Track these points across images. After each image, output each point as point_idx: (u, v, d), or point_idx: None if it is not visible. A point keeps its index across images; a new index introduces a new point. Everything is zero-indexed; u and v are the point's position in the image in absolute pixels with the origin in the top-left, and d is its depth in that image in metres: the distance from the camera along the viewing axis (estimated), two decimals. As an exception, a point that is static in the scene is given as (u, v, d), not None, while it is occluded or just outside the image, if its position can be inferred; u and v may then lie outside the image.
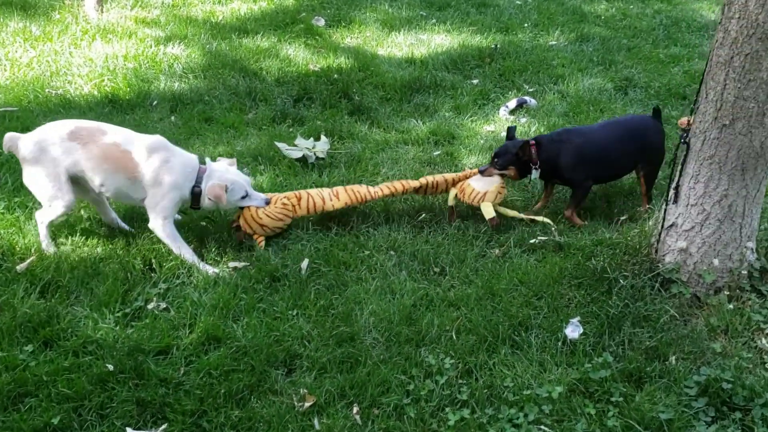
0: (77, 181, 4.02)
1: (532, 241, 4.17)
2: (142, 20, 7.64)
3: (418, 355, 3.34)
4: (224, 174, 4.09)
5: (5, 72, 6.33)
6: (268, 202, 4.18)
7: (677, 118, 6.00)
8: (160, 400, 3.08)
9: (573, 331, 3.45)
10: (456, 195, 4.48)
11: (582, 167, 4.44)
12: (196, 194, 4.05)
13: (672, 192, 3.67)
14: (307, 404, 3.07)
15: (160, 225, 4.01)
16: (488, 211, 4.30)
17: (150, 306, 3.66)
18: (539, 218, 4.38)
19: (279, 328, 3.50)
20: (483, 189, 4.39)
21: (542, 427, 2.95)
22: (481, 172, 4.46)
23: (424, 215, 4.52)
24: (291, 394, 3.12)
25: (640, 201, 4.71)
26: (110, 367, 3.20)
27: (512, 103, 6.23)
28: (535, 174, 4.44)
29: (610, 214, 4.63)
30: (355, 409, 3.06)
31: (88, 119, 5.27)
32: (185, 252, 4.01)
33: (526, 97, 6.35)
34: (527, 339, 3.44)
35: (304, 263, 3.96)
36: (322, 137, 5.45)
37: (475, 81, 6.82)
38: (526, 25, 8.31)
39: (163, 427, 2.96)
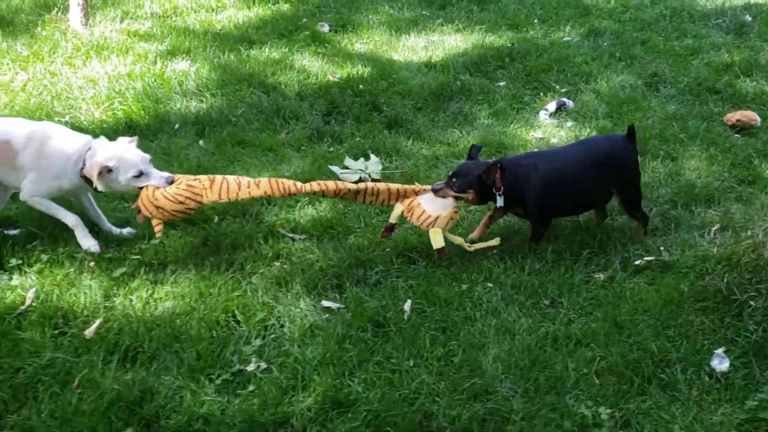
0: None
1: (636, 262, 3.93)
2: (135, 33, 7.06)
3: (565, 406, 3.04)
4: (108, 152, 3.74)
5: (2, 98, 5.73)
6: (170, 182, 3.75)
7: (721, 115, 5.88)
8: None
9: (720, 363, 3.21)
10: (402, 213, 4.00)
11: (550, 197, 3.99)
12: (85, 177, 3.79)
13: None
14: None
15: (28, 198, 3.95)
16: (437, 240, 3.85)
17: (250, 368, 3.25)
18: (489, 243, 4.04)
19: (402, 383, 3.15)
20: (435, 213, 3.88)
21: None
22: (435, 191, 3.94)
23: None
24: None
25: (728, 205, 4.51)
26: (232, 450, 2.80)
27: (551, 106, 5.99)
28: (499, 201, 3.96)
29: (694, 222, 4.40)
30: (523, 477, 2.75)
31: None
32: (63, 217, 3.97)
33: (564, 99, 6.11)
34: (673, 376, 3.18)
35: (407, 305, 3.61)
36: (372, 156, 5.09)
37: (501, 83, 6.55)
38: (535, 21, 8.07)
39: None
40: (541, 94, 6.36)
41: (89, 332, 3.38)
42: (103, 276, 3.76)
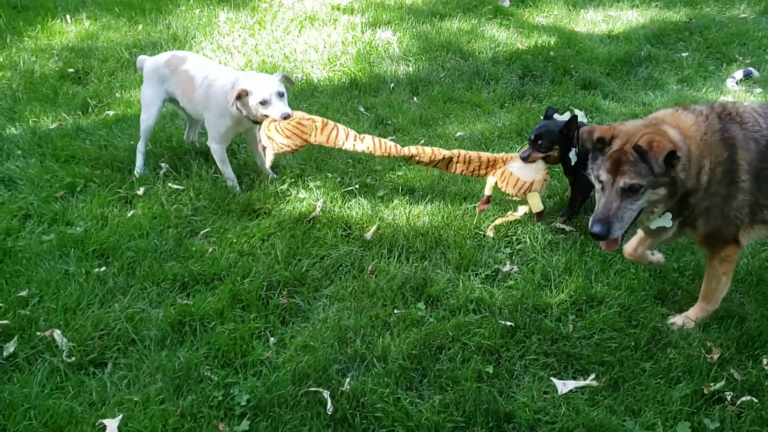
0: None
1: None
2: (337, 7, 7.90)
3: (791, 312, 3.47)
4: (245, 80, 4.15)
5: (238, 59, 6.65)
6: (285, 117, 4.05)
7: None
8: (564, 353, 3.28)
9: None
10: (496, 183, 4.13)
11: None
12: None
13: None
14: (715, 356, 3.23)
15: (212, 148, 4.48)
16: (536, 204, 4.03)
17: (505, 269, 3.86)
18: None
19: (643, 288, 3.66)
20: (529, 178, 4.01)
21: None
22: (524, 159, 4.04)
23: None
24: (697, 347, 3.28)
25: None
26: (510, 324, 3.41)
27: (738, 74, 6.27)
28: (573, 157, 4.00)
29: None
30: (765, 361, 3.20)
31: (340, 101, 5.57)
32: (228, 174, 4.52)
33: (751, 68, 6.36)
34: None
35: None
36: (577, 111, 5.57)
37: (684, 54, 6.86)
38: (709, -1, 8.30)
39: (592, 377, 3.15)
40: (725, 64, 6.65)
41: (368, 235, 4.10)
42: (368, 195, 4.49)
